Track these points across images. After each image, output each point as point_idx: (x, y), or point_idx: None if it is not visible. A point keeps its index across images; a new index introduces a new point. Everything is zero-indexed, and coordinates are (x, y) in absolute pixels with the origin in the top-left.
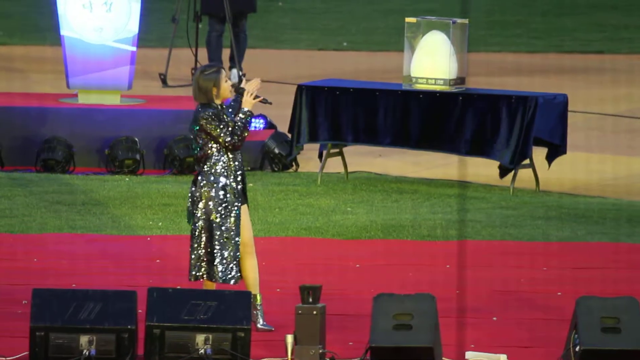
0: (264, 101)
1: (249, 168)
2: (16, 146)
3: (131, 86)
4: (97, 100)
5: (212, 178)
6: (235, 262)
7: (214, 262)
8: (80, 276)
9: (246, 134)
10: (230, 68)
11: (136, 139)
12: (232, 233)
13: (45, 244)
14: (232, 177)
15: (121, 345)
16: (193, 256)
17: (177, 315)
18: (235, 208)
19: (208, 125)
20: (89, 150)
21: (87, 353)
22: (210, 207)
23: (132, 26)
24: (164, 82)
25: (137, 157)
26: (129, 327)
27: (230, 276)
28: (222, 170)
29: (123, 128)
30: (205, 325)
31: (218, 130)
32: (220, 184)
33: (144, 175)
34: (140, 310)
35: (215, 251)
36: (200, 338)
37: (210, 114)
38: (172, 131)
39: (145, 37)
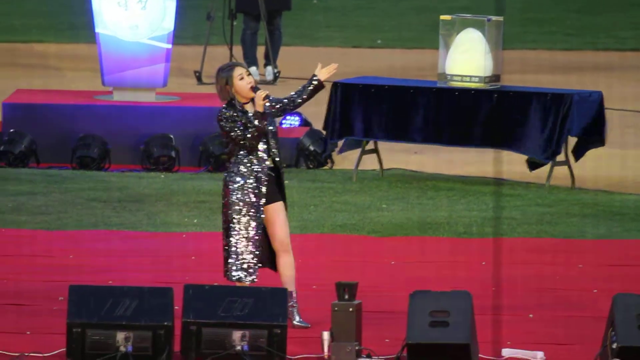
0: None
1: (284, 165)
2: (52, 143)
3: (166, 83)
4: (132, 97)
5: (231, 177)
6: (243, 261)
7: (227, 259)
8: (116, 273)
9: (250, 138)
10: (265, 65)
11: (171, 136)
12: (242, 232)
13: (81, 240)
14: (252, 177)
15: (157, 342)
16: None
17: (214, 312)
18: (253, 209)
19: (223, 125)
20: (124, 148)
21: (123, 350)
22: (228, 205)
23: (167, 23)
24: (199, 79)
25: (173, 154)
26: (165, 323)
27: (234, 275)
28: (243, 169)
29: (158, 125)
30: (241, 321)
31: (230, 131)
32: (237, 185)
33: (179, 172)
34: (176, 307)
35: (227, 249)
36: (236, 335)
37: (225, 114)
38: (207, 128)
39: (181, 34)
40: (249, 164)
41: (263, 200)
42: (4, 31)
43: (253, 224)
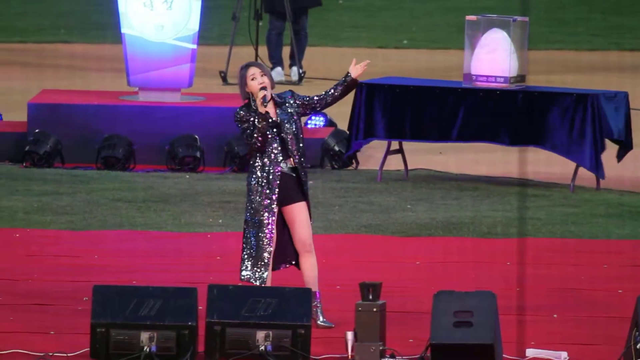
0: (267, 95)
1: (309, 166)
2: (77, 144)
3: (191, 84)
4: (157, 97)
5: (247, 178)
6: (254, 263)
7: (241, 259)
8: (141, 273)
9: (255, 138)
10: (291, 66)
11: (196, 136)
12: (252, 232)
13: (106, 241)
14: (265, 179)
15: (182, 342)
16: None
17: (238, 312)
18: (266, 211)
19: (238, 125)
20: (149, 148)
21: (147, 349)
22: (245, 207)
23: (193, 24)
24: (224, 79)
25: (197, 154)
26: (189, 323)
27: (243, 275)
28: (257, 171)
29: (183, 125)
30: (265, 322)
31: (243, 131)
32: (250, 186)
33: (204, 173)
34: (200, 307)
35: (243, 249)
36: (260, 335)
37: (239, 114)
38: (232, 128)
39: (206, 34)
40: (262, 165)
41: (275, 203)
42: (31, 31)
43: (265, 226)
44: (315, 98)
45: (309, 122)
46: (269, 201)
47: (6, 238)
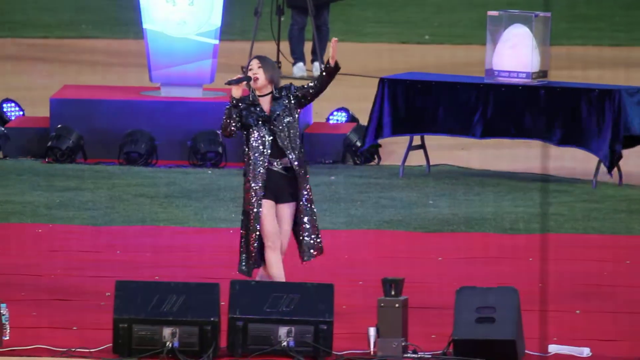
0: (243, 79)
1: (328, 161)
2: (99, 139)
3: (213, 79)
4: (179, 93)
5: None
6: (245, 254)
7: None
8: (163, 268)
9: (224, 121)
10: (313, 61)
11: (218, 132)
12: (241, 225)
13: (128, 236)
14: (252, 174)
15: (204, 338)
16: None
17: (260, 308)
18: (254, 207)
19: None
20: (171, 143)
21: (170, 345)
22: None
23: (215, 19)
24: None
25: (220, 149)
26: (211, 319)
27: (240, 269)
28: (249, 165)
29: (205, 121)
30: (287, 317)
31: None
32: (244, 179)
33: (226, 168)
34: (223, 303)
35: (239, 243)
36: (282, 330)
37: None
38: None
39: (228, 30)
40: (253, 160)
41: (262, 199)
42: (53, 27)
43: (252, 222)
44: (310, 84)
45: (330, 117)
46: (255, 197)
47: (29, 233)
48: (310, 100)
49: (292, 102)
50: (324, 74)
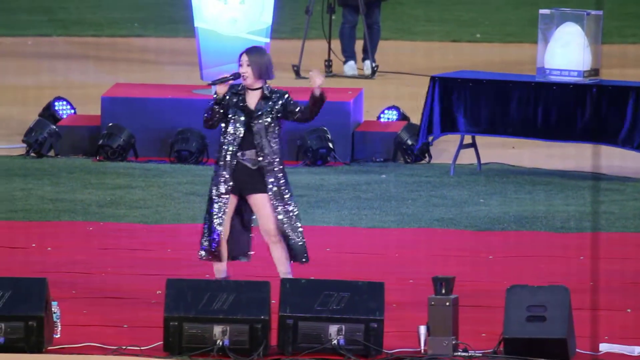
0: (231, 78)
1: (379, 160)
2: (150, 137)
3: None
4: None
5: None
6: (207, 243)
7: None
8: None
9: (205, 116)
10: (364, 60)
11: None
12: (207, 213)
13: (179, 234)
14: (222, 162)
15: (254, 336)
16: None
17: (310, 306)
18: (217, 195)
19: None
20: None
21: (220, 343)
22: None
23: (266, 18)
24: (297, 73)
25: None
26: (262, 317)
27: (200, 254)
28: (220, 152)
29: None
30: (338, 315)
31: None
32: (215, 165)
33: None
34: (273, 301)
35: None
36: (333, 329)
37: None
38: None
39: (279, 28)
40: (224, 148)
41: (226, 187)
42: (105, 25)
43: (216, 209)
44: (298, 109)
45: (381, 116)
46: (221, 184)
47: (80, 231)
48: (293, 120)
49: (278, 108)
50: (309, 103)
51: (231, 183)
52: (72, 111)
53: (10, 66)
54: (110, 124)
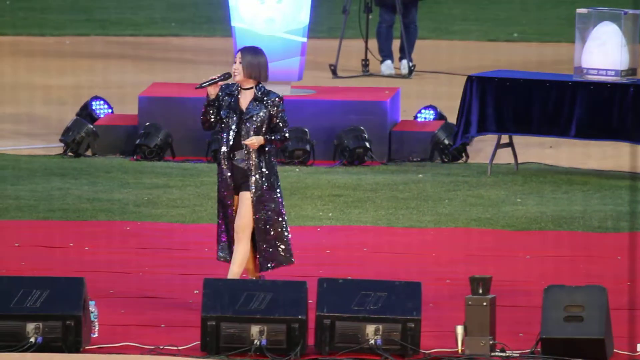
0: (220, 78)
1: (416, 159)
2: (187, 137)
3: (301, 77)
4: None
5: None
6: (222, 244)
7: None
8: None
9: (202, 117)
10: (401, 59)
11: (306, 130)
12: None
13: (216, 234)
14: (219, 163)
15: (292, 336)
16: None
17: (347, 306)
18: (220, 195)
19: None
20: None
21: (257, 343)
22: None
23: (303, 17)
24: (334, 72)
25: (308, 147)
26: (299, 317)
27: (218, 255)
28: (219, 154)
29: (293, 119)
30: (375, 315)
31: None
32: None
33: (314, 166)
34: (310, 301)
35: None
36: (370, 329)
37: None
38: (342, 122)
39: (316, 28)
40: (221, 150)
41: (224, 187)
42: (143, 25)
43: (222, 209)
44: (279, 126)
45: (418, 115)
46: (220, 185)
47: (117, 231)
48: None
49: (266, 113)
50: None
51: (232, 184)
52: (110, 110)
53: (48, 66)
54: (147, 124)
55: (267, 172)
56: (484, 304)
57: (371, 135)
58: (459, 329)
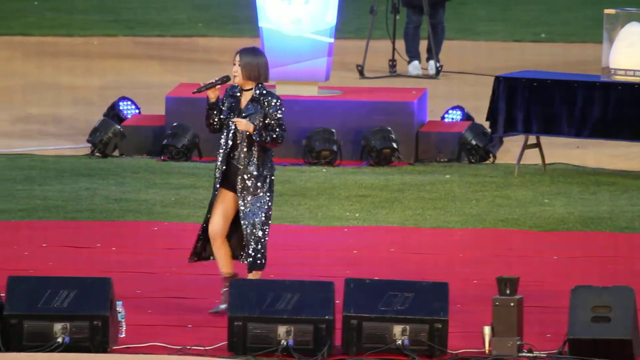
0: (218, 82)
1: (443, 160)
2: (214, 137)
3: (328, 77)
4: (294, 91)
5: None
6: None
7: None
8: (278, 266)
9: (206, 121)
10: (428, 60)
11: (333, 130)
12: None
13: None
14: (219, 160)
15: (318, 336)
16: None
17: (374, 306)
18: (214, 195)
19: None
20: (286, 141)
21: (284, 343)
22: None
23: (330, 18)
24: (361, 73)
25: (334, 148)
26: (326, 317)
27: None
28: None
29: (320, 119)
30: (402, 316)
31: None
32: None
33: (341, 167)
34: (337, 301)
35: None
36: (397, 329)
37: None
38: (369, 122)
39: (343, 28)
40: (219, 151)
41: (218, 187)
42: (169, 25)
43: (210, 209)
44: (272, 125)
45: (445, 116)
46: (215, 183)
47: (144, 231)
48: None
49: (262, 113)
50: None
51: (218, 185)
52: (137, 111)
53: (75, 66)
54: (174, 124)
55: (260, 173)
56: (512, 304)
57: (398, 135)
58: (487, 330)
